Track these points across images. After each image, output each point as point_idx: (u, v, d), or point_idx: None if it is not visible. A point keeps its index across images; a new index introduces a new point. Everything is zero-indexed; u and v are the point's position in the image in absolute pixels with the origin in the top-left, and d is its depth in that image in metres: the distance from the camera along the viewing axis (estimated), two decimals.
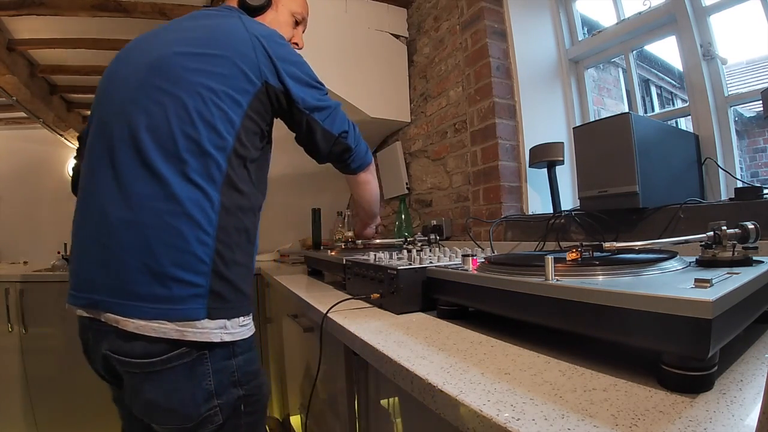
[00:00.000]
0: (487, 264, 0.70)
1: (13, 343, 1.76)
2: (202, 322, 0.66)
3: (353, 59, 1.91)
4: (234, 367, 0.71)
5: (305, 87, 0.81)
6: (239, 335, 0.71)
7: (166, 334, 0.64)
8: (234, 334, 0.70)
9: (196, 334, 0.66)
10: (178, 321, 0.65)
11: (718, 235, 0.55)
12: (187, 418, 0.67)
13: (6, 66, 2.35)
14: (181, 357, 0.66)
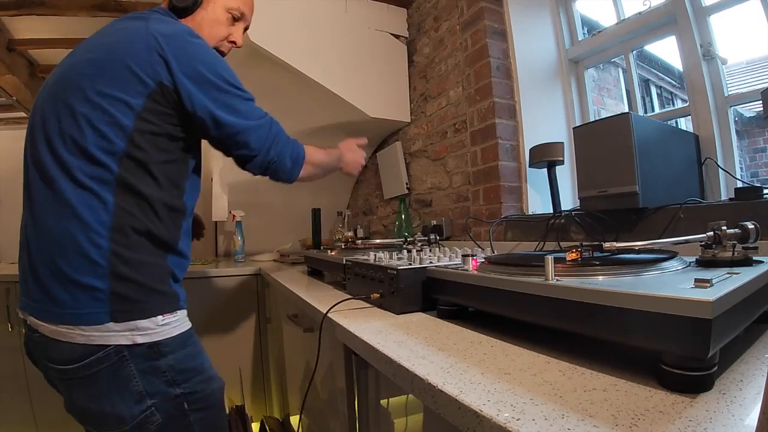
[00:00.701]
0: (487, 264, 0.70)
1: (13, 343, 1.76)
2: (106, 326, 0.66)
3: (353, 59, 1.91)
4: (164, 367, 0.70)
5: (206, 87, 0.75)
6: (160, 335, 0.70)
7: (74, 339, 0.66)
8: (152, 334, 0.69)
9: (103, 338, 0.66)
10: (83, 325, 0.66)
11: (718, 235, 0.55)
12: (121, 421, 0.68)
13: (6, 66, 2.35)
14: (101, 362, 0.66)
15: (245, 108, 0.80)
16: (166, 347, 0.71)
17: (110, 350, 0.66)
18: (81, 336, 0.66)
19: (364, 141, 1.21)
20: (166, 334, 0.71)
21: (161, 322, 0.71)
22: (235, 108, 0.78)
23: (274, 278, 1.54)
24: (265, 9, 1.71)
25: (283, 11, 1.74)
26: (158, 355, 0.70)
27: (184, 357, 0.74)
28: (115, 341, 0.67)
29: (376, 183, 2.41)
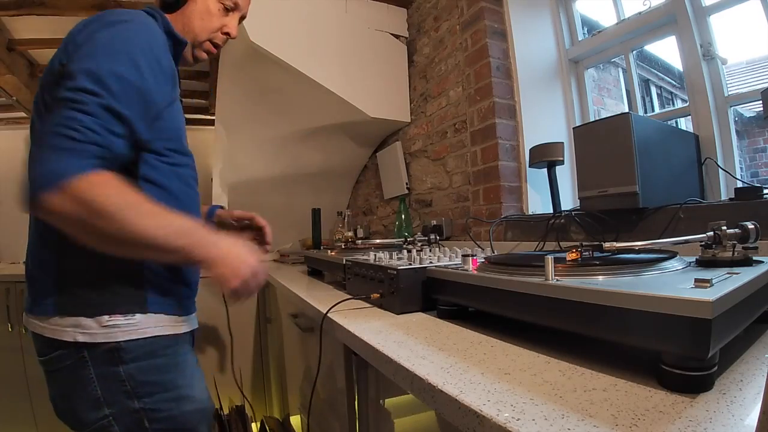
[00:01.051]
0: (487, 264, 0.70)
1: (13, 343, 1.75)
2: (54, 319, 0.65)
3: (353, 59, 1.91)
4: (124, 375, 0.65)
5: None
6: (106, 336, 0.64)
7: (35, 329, 0.68)
8: (95, 335, 0.64)
9: (49, 330, 0.65)
10: (38, 316, 0.67)
11: (718, 235, 0.55)
12: (79, 422, 0.67)
13: (6, 66, 2.35)
14: (62, 359, 0.65)
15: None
16: (128, 354, 0.66)
17: (71, 348, 0.64)
18: (38, 326, 0.67)
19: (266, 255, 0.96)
20: (112, 337, 0.65)
21: (107, 323, 0.64)
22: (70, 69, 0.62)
23: (274, 278, 1.54)
24: (265, 9, 1.71)
25: (283, 11, 1.74)
26: (118, 361, 0.65)
27: (149, 368, 0.67)
28: (58, 335, 0.64)
29: (376, 183, 2.41)
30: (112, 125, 0.59)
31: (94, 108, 0.58)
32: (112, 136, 0.60)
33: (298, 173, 2.42)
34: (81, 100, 0.57)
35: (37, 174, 0.54)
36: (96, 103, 0.58)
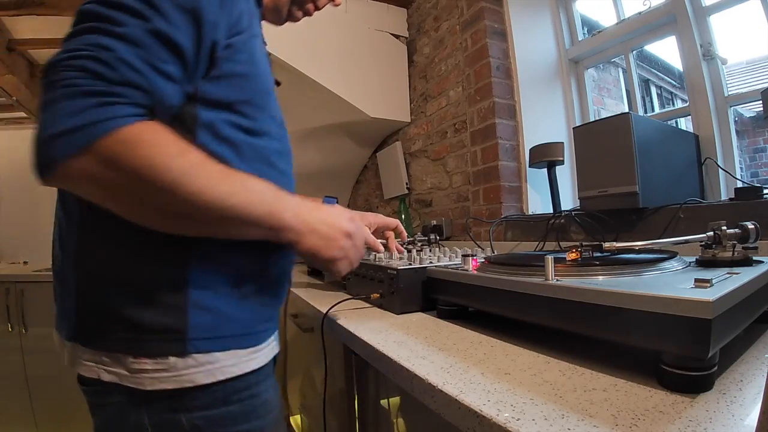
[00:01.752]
0: (487, 264, 0.70)
1: (13, 343, 1.75)
2: (75, 346, 0.50)
3: (353, 59, 1.91)
4: (185, 426, 0.48)
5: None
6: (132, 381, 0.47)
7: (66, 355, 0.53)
8: (122, 376, 0.47)
9: (69, 358, 0.51)
10: (61, 338, 0.52)
11: (718, 235, 0.55)
12: None
13: (6, 66, 2.35)
14: (110, 392, 0.48)
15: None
16: (194, 400, 0.48)
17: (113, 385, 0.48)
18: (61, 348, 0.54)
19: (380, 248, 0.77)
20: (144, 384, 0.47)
21: (132, 366, 0.47)
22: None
23: None
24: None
25: None
26: (180, 409, 0.48)
27: (221, 417, 0.50)
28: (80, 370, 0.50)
29: (376, 183, 2.41)
30: (160, 60, 0.42)
31: (134, 31, 0.40)
32: (159, 78, 0.42)
33: (298, 173, 2.40)
34: (115, 19, 0.40)
35: (49, 131, 0.38)
36: (137, 26, 0.41)
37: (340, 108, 1.94)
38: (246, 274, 0.53)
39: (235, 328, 0.51)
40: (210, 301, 0.49)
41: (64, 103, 0.38)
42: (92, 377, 0.48)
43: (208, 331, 0.49)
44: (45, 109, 0.38)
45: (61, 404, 1.78)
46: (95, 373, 0.48)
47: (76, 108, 0.38)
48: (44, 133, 0.38)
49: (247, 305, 0.53)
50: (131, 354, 0.47)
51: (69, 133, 0.38)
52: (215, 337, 0.49)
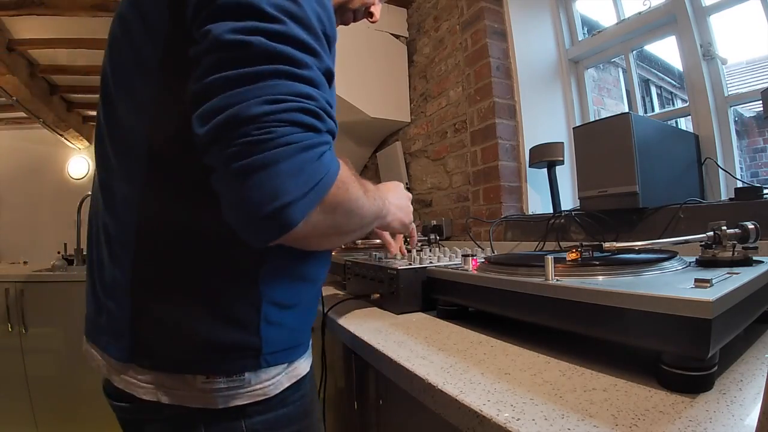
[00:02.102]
0: (487, 264, 0.70)
1: (13, 343, 1.75)
2: (128, 370, 0.47)
3: (353, 59, 1.91)
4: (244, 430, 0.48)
5: None
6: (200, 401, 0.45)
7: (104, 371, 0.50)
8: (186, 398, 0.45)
9: (121, 382, 0.47)
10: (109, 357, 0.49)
11: (718, 235, 0.55)
12: None
13: (6, 66, 2.35)
14: (158, 410, 0.46)
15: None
16: (255, 405, 0.48)
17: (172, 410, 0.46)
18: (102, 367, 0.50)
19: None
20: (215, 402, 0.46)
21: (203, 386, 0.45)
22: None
23: None
24: None
25: None
26: (240, 415, 0.47)
27: (276, 420, 0.50)
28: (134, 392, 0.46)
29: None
30: (331, 97, 0.43)
31: (317, 74, 0.39)
32: (333, 113, 0.42)
33: None
34: (300, 61, 0.38)
35: (281, 201, 0.36)
36: (315, 66, 0.39)
37: (340, 108, 1.94)
38: (302, 287, 0.53)
39: (296, 339, 0.52)
40: (277, 315, 0.49)
41: (286, 164, 0.36)
42: (150, 400, 0.46)
43: (277, 344, 0.49)
44: (261, 172, 0.35)
45: (61, 404, 1.78)
46: (154, 395, 0.46)
47: (297, 166, 0.36)
48: (273, 204, 0.35)
49: (301, 315, 0.54)
50: (203, 374, 0.45)
51: (299, 200, 0.37)
52: (283, 350, 0.50)
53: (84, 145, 4.01)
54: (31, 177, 3.86)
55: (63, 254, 2.25)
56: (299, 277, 0.52)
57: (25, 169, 3.86)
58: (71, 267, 2.09)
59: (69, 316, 1.79)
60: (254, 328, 0.47)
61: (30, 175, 3.87)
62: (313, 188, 0.38)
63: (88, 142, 3.99)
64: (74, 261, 2.18)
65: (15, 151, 3.86)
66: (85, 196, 2.21)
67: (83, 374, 1.79)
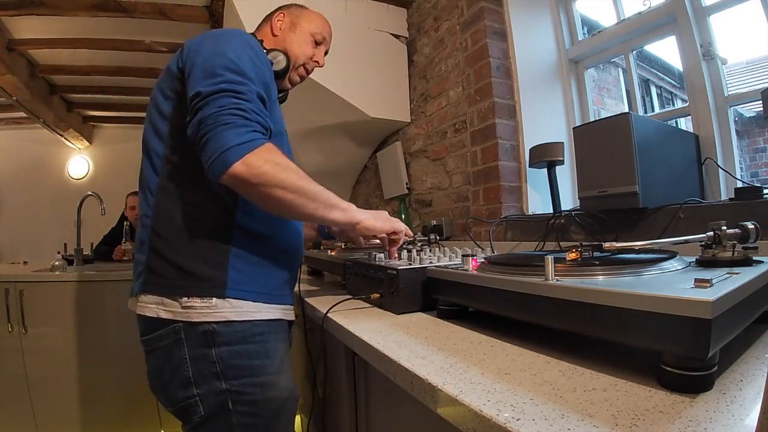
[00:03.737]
0: (487, 264, 0.70)
1: (13, 343, 1.75)
2: (141, 297, 0.72)
3: (353, 59, 1.91)
4: (214, 357, 0.69)
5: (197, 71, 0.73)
6: (183, 316, 0.68)
7: (133, 308, 0.75)
8: (176, 313, 0.69)
9: (139, 308, 0.72)
10: (132, 296, 0.76)
11: (718, 235, 0.55)
12: (168, 399, 0.72)
13: (6, 66, 2.35)
14: (161, 339, 0.70)
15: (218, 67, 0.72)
16: (221, 337, 0.69)
17: (169, 329, 0.69)
18: (131, 304, 0.76)
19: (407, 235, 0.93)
20: (190, 317, 0.68)
21: (187, 304, 0.69)
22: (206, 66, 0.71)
23: None
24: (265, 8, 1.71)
25: None
26: (211, 344, 0.69)
27: (240, 352, 0.70)
28: (142, 311, 0.71)
29: (376, 183, 2.41)
30: (262, 108, 0.71)
31: (250, 95, 0.69)
32: (266, 118, 0.70)
33: None
34: (236, 90, 0.67)
35: (224, 148, 0.63)
36: (250, 91, 0.69)
37: (340, 108, 1.94)
38: (267, 245, 0.78)
39: (259, 287, 0.75)
40: (243, 265, 0.74)
41: (228, 129, 0.64)
42: (152, 316, 0.70)
43: (240, 285, 0.72)
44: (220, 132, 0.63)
45: (61, 404, 1.77)
46: (155, 312, 0.70)
47: (234, 132, 0.64)
48: (219, 150, 0.63)
49: (267, 271, 0.77)
50: (185, 295, 0.69)
51: (239, 145, 0.63)
52: (245, 290, 0.73)
53: (84, 145, 4.01)
54: (31, 177, 3.87)
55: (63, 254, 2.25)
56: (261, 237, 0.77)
57: (25, 169, 3.86)
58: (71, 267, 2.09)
59: (69, 316, 1.79)
60: (223, 269, 0.71)
61: (30, 175, 3.87)
62: (246, 142, 0.64)
63: (88, 142, 3.99)
64: (74, 261, 2.18)
65: (15, 151, 3.86)
66: (85, 196, 2.21)
67: (83, 374, 1.79)
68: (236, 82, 0.68)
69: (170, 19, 2.10)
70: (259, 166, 0.64)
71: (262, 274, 0.76)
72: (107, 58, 2.61)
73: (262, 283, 0.76)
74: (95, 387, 1.78)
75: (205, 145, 0.63)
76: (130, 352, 1.82)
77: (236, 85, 0.67)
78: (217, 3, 1.99)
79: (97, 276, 1.83)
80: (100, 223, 2.50)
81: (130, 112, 3.70)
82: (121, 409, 1.82)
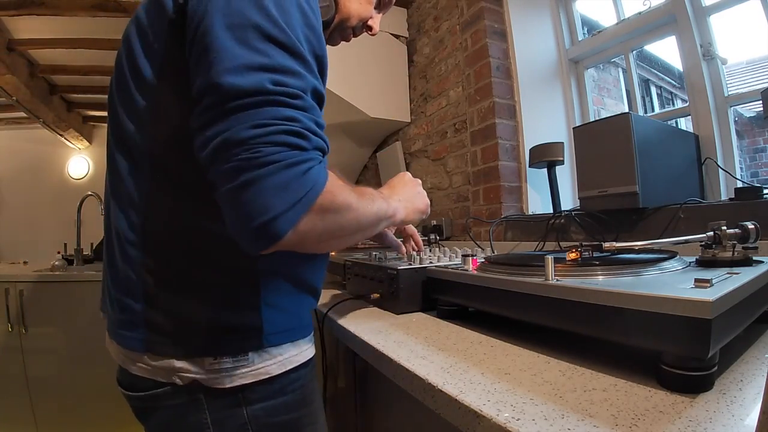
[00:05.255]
0: (487, 264, 0.70)
1: (13, 343, 1.75)
2: (143, 358, 0.51)
3: (353, 59, 1.91)
4: (246, 418, 0.52)
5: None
6: (211, 381, 0.50)
7: (119, 360, 0.55)
8: (199, 379, 0.50)
9: (140, 370, 0.52)
10: (124, 349, 0.53)
11: (718, 235, 0.55)
12: None
13: (6, 66, 2.35)
14: (169, 397, 0.51)
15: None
16: (257, 394, 0.52)
17: (182, 388, 0.50)
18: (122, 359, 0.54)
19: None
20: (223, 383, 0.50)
21: (210, 367, 0.50)
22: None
23: None
24: None
25: None
26: (242, 403, 0.52)
27: (278, 407, 0.54)
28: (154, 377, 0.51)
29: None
30: (319, 116, 0.46)
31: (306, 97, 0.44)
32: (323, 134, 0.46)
33: None
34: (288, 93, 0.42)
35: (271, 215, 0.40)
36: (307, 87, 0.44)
37: (340, 108, 1.94)
38: (299, 272, 0.57)
39: (296, 321, 0.56)
40: (277, 299, 0.54)
41: (271, 180, 0.40)
42: (166, 381, 0.50)
43: (278, 325, 0.53)
44: (250, 188, 0.39)
45: (61, 404, 1.78)
46: (168, 378, 0.50)
47: (282, 182, 0.40)
48: (261, 219, 0.40)
49: (301, 300, 0.57)
50: (211, 355, 0.50)
51: (284, 213, 0.40)
52: (284, 330, 0.54)
53: (84, 145, 4.01)
54: (31, 177, 3.86)
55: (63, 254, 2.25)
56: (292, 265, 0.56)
57: (25, 169, 3.86)
58: (71, 267, 2.09)
59: (69, 316, 1.79)
60: (255, 310, 0.52)
61: (30, 175, 3.87)
62: (299, 201, 0.41)
63: (88, 142, 3.99)
64: (74, 261, 2.18)
65: (15, 151, 3.86)
66: (85, 195, 2.21)
67: (83, 374, 1.79)
68: (287, 70, 0.42)
69: None
70: (318, 232, 0.44)
71: (297, 304, 0.57)
72: (107, 58, 2.60)
73: (297, 316, 0.57)
74: (95, 387, 1.78)
75: (235, 197, 0.40)
76: None
77: (288, 78, 0.42)
78: None
79: (97, 276, 1.83)
80: (100, 223, 2.49)
81: None
82: (121, 409, 1.81)
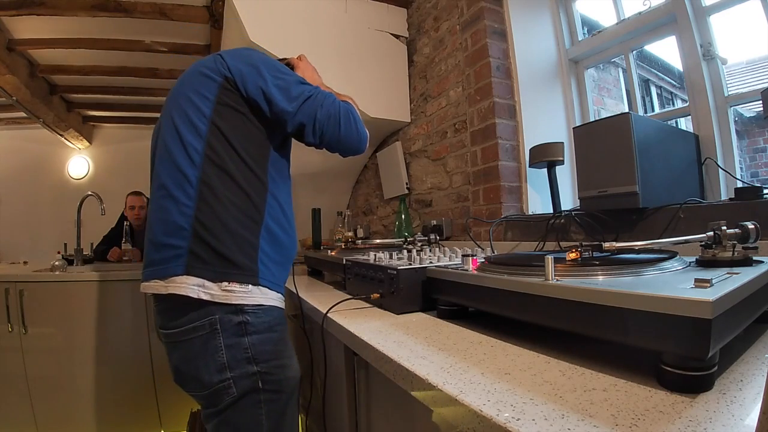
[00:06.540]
0: (487, 264, 0.70)
1: (13, 343, 1.75)
2: (181, 278, 0.78)
3: (353, 59, 1.91)
4: (246, 344, 0.79)
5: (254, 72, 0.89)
6: (222, 298, 0.77)
7: (158, 290, 0.80)
8: (215, 296, 0.77)
9: (177, 288, 0.77)
10: (165, 278, 0.80)
11: (718, 235, 0.55)
12: (201, 384, 0.79)
13: (6, 66, 2.35)
14: (196, 330, 0.78)
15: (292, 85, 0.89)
16: (252, 327, 0.79)
17: (206, 321, 0.77)
18: (162, 287, 0.79)
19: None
20: (228, 299, 0.78)
21: (226, 288, 0.78)
22: (281, 87, 0.87)
23: None
24: (265, 9, 1.71)
25: (283, 11, 1.74)
26: (244, 333, 0.79)
27: (265, 340, 0.81)
28: (184, 291, 0.77)
29: (376, 183, 2.41)
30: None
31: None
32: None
33: (298, 173, 2.41)
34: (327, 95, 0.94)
35: (363, 136, 0.97)
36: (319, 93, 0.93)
37: None
38: (282, 246, 0.88)
39: (275, 280, 0.86)
40: (267, 260, 0.85)
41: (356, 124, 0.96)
42: (193, 296, 0.76)
43: (266, 276, 0.84)
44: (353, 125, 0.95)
45: (61, 404, 1.78)
46: (196, 293, 0.77)
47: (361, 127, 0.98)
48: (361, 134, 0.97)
49: (280, 267, 0.88)
50: (226, 280, 0.78)
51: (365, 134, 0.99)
52: (269, 281, 0.84)
53: (84, 145, 4.01)
54: (31, 177, 3.86)
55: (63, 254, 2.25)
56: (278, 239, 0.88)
57: (25, 169, 3.86)
58: (71, 267, 2.09)
59: (69, 316, 1.79)
60: (255, 262, 0.82)
61: (30, 175, 3.87)
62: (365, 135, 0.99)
63: (87, 142, 3.99)
64: (74, 261, 2.18)
65: (15, 151, 3.86)
66: (85, 195, 2.21)
67: (83, 374, 1.79)
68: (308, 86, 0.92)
69: (170, 19, 2.10)
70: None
71: (277, 270, 0.87)
72: (107, 58, 2.61)
73: (277, 276, 0.87)
74: (95, 387, 1.78)
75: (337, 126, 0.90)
76: (130, 352, 1.83)
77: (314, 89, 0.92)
78: (218, 3, 1.99)
79: (96, 276, 1.83)
80: (100, 223, 2.50)
81: (130, 112, 3.70)
82: (121, 409, 1.82)
